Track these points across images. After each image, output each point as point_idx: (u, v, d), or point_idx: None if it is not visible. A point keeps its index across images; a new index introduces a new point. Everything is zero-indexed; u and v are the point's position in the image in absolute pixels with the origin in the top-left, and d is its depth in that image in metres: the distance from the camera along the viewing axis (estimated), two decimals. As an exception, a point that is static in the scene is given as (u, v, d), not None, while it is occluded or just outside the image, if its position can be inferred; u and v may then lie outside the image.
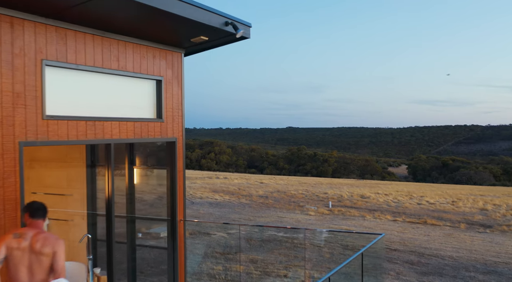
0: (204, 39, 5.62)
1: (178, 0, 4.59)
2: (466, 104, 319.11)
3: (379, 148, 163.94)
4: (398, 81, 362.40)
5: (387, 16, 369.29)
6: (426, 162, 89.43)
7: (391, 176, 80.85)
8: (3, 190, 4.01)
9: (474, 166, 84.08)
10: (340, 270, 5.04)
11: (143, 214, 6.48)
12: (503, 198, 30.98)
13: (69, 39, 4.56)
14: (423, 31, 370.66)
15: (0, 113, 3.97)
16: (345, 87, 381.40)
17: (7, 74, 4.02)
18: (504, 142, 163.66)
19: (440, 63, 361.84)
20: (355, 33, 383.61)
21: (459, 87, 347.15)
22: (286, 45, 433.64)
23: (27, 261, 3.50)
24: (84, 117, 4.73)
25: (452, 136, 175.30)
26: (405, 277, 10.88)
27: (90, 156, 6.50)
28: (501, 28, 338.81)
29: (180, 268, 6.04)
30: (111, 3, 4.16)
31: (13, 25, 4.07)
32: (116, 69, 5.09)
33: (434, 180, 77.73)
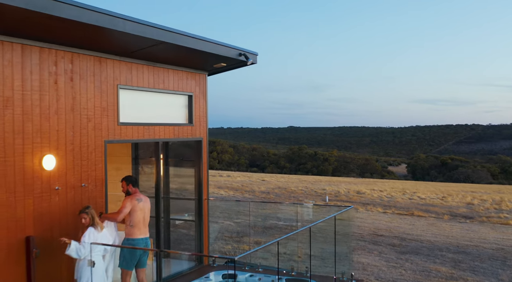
0: (223, 65, 7.70)
1: (206, 41, 6.66)
2: (468, 104, 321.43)
3: (380, 147, 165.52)
4: (400, 80, 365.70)
5: (389, 16, 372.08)
6: (425, 161, 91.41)
7: (391, 175, 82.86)
8: (95, 172, 6.09)
9: (472, 165, 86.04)
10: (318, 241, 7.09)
11: (176, 194, 8.54)
12: (492, 194, 33.02)
13: (133, 69, 6.64)
14: (425, 31, 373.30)
15: (93, 121, 6.06)
16: (346, 86, 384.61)
17: (97, 95, 6.10)
18: (505, 141, 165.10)
19: (442, 63, 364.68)
20: (357, 33, 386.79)
21: (461, 86, 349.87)
22: (288, 45, 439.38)
23: (144, 212, 6.08)
24: (142, 123, 6.82)
25: (453, 136, 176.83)
26: (386, 255, 12.97)
27: (134, 152, 8.58)
28: (503, 27, 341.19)
29: (205, 235, 8.13)
30: (165, 47, 6.23)
31: (100, 62, 6.15)
32: (161, 89, 7.18)
33: (433, 179, 79.73)
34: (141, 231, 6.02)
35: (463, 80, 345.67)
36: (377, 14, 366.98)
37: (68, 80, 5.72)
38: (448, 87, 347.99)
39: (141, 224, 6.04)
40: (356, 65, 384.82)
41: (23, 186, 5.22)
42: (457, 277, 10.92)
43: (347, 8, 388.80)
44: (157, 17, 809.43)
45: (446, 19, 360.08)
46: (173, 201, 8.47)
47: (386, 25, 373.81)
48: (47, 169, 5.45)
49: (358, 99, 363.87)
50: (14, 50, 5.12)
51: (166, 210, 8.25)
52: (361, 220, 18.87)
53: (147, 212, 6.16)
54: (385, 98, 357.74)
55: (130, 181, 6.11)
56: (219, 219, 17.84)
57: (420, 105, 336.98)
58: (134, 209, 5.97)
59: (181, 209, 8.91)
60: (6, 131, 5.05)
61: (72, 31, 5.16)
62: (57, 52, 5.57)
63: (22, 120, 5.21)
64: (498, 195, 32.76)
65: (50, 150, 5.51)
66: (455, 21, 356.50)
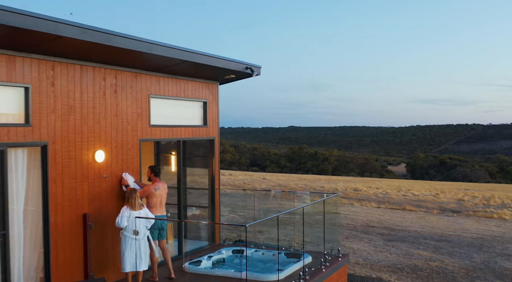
0: (232, 77, 9.30)
1: (218, 58, 8.25)
2: (468, 103, 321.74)
3: (380, 147, 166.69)
4: (401, 80, 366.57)
5: (390, 16, 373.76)
6: (424, 160, 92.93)
7: (390, 174, 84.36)
8: (132, 164, 7.68)
9: (471, 164, 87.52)
10: (312, 227, 8.65)
11: (191, 185, 10.12)
12: (484, 192, 34.57)
13: (161, 82, 8.23)
14: (426, 31, 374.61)
15: (131, 124, 7.65)
16: (347, 86, 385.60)
17: (134, 103, 7.69)
18: (505, 140, 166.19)
19: (443, 63, 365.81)
20: (357, 33, 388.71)
21: (461, 86, 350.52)
22: (288, 45, 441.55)
23: (160, 198, 7.49)
24: (167, 125, 8.41)
25: (453, 135, 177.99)
26: (375, 242, 14.57)
27: (156, 149, 10.18)
28: (504, 27, 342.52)
29: (217, 218, 9.73)
30: (186, 64, 7.82)
31: (136, 77, 7.74)
32: (182, 97, 8.77)
33: (431, 178, 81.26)
34: (158, 210, 7.55)
35: (463, 80, 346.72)
36: (378, 14, 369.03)
37: (113, 92, 7.32)
38: (449, 87, 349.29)
39: (158, 205, 7.54)
40: (356, 65, 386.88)
41: (81, 174, 6.81)
42: (435, 259, 12.52)
43: (347, 8, 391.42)
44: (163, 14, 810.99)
45: (447, 19, 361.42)
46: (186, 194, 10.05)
47: (386, 25, 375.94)
48: (98, 161, 7.05)
49: (358, 99, 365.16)
50: (75, 70, 6.72)
51: (184, 197, 9.84)
52: (355, 214, 20.46)
53: (163, 195, 7.65)
54: (386, 98, 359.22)
55: (153, 170, 7.66)
56: (224, 212, 19.43)
57: (421, 105, 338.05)
58: (151, 195, 7.48)
59: (194, 202, 10.47)
60: (69, 132, 6.64)
61: (118, 54, 6.75)
62: (105, 70, 7.17)
63: (81, 124, 6.80)
64: (490, 192, 34.30)
65: (100, 146, 7.10)
66: (455, 21, 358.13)
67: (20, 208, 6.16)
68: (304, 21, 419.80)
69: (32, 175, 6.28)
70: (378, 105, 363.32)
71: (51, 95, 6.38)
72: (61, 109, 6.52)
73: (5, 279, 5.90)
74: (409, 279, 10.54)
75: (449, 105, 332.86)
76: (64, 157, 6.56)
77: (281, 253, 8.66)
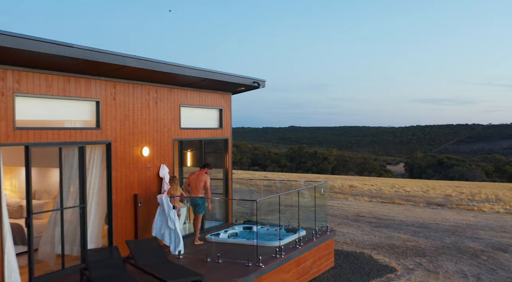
0: (242, 89, 11.74)
1: (231, 75, 10.69)
2: (469, 103, 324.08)
3: (380, 147, 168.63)
4: (401, 80, 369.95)
5: (391, 16, 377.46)
6: (422, 160, 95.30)
7: (388, 173, 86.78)
8: (167, 158, 10.13)
9: (468, 164, 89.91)
10: (306, 211, 11.08)
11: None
12: (473, 189, 36.97)
13: (188, 94, 10.68)
14: (426, 31, 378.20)
15: (167, 127, 10.09)
16: (348, 86, 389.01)
17: (169, 111, 10.14)
18: (505, 140, 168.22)
19: (444, 63, 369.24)
20: (358, 32, 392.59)
21: (462, 86, 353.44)
22: (289, 44, 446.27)
23: (195, 183, 9.93)
24: (193, 128, 10.86)
25: (453, 135, 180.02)
26: (363, 228, 17.00)
27: (180, 146, 12.62)
28: (505, 26, 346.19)
29: (230, 203, 12.18)
30: (208, 81, 10.26)
31: (170, 91, 10.18)
32: (203, 105, 11.22)
33: (429, 177, 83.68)
34: (193, 193, 10.04)
35: (465, 79, 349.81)
36: (378, 14, 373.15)
37: (154, 103, 9.77)
38: (450, 86, 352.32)
39: (193, 189, 10.06)
40: (357, 65, 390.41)
41: (133, 164, 9.25)
42: (411, 240, 14.97)
43: (347, 8, 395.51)
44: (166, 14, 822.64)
45: (448, 19, 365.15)
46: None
47: (387, 25, 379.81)
48: (144, 155, 9.49)
49: (359, 98, 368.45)
50: (129, 87, 9.16)
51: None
52: (348, 206, 22.91)
53: (197, 182, 10.13)
54: (386, 97, 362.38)
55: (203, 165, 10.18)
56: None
57: (421, 104, 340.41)
58: (189, 182, 10.05)
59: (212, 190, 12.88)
60: (125, 133, 9.08)
61: (160, 75, 9.18)
62: (149, 87, 9.61)
63: (133, 127, 9.24)
64: (478, 189, 36.70)
65: (146, 144, 9.55)
66: (456, 21, 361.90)
67: (93, 188, 8.61)
68: (304, 21, 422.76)
69: (100, 164, 8.73)
70: (378, 105, 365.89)
71: (113, 107, 8.82)
72: (120, 116, 8.96)
73: (83, 238, 8.34)
74: (386, 253, 12.98)
75: (450, 105, 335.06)
76: (121, 151, 9.01)
77: (282, 228, 11.10)
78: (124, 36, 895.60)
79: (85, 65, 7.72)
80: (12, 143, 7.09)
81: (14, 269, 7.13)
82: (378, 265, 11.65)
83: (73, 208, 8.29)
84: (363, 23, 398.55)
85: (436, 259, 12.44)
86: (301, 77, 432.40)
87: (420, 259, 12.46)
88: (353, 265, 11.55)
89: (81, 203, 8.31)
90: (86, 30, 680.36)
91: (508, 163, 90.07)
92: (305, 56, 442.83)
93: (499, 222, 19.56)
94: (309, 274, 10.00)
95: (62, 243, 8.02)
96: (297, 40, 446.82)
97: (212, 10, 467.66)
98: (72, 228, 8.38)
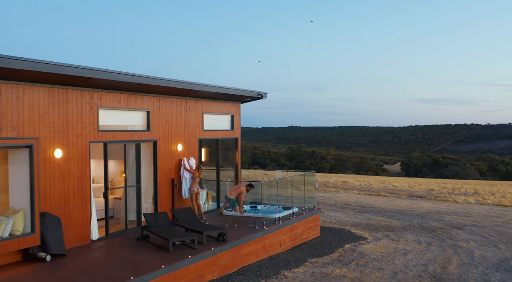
0: (249, 99, 15.41)
1: (241, 90, 14.36)
2: (469, 103, 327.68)
3: (379, 147, 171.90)
4: (401, 80, 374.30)
5: (390, 16, 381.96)
6: (418, 159, 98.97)
7: (385, 172, 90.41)
8: (194, 152, 13.78)
9: (462, 163, 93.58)
10: (298, 196, 14.75)
11: (224, 168, 16.16)
12: (457, 184, 40.62)
13: (209, 104, 14.34)
14: (426, 31, 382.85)
15: (194, 129, 13.75)
16: (347, 86, 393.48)
17: (195, 117, 13.80)
18: (503, 140, 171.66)
19: (444, 63, 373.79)
20: (357, 32, 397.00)
21: (462, 86, 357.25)
22: (288, 44, 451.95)
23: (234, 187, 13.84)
24: (211, 129, 14.53)
25: (452, 135, 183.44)
26: (348, 213, 20.65)
27: (199, 144, 16.26)
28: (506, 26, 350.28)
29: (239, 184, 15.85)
30: (224, 95, 13.92)
31: (196, 102, 13.85)
32: (220, 112, 14.88)
33: (424, 176, 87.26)
34: (230, 193, 13.74)
35: (464, 79, 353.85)
36: (378, 14, 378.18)
37: (185, 111, 13.42)
38: (449, 86, 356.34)
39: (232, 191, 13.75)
40: (357, 65, 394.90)
41: (171, 157, 12.90)
42: (385, 221, 18.62)
43: (347, 8, 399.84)
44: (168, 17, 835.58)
45: (447, 19, 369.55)
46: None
47: (387, 25, 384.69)
48: (179, 150, 13.14)
49: (358, 98, 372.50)
50: (169, 101, 12.81)
51: (218, 176, 15.92)
52: (339, 197, 26.57)
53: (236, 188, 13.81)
54: (386, 98, 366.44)
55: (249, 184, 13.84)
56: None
57: (421, 104, 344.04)
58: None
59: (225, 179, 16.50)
60: (166, 134, 12.72)
61: (190, 92, 12.82)
62: (182, 100, 13.27)
63: (171, 129, 12.89)
64: (462, 185, 40.36)
65: (180, 142, 13.20)
66: (456, 22, 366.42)
67: (145, 173, 12.26)
68: (304, 21, 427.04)
69: (150, 156, 12.38)
70: (378, 105, 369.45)
71: (158, 115, 12.47)
72: (162, 122, 12.61)
73: (138, 207, 11.98)
74: (363, 229, 16.62)
75: (449, 105, 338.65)
76: (163, 147, 12.65)
77: (280, 206, 14.74)
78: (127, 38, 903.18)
79: (141, 86, 11.36)
80: (96, 140, 10.74)
81: (96, 227, 10.77)
82: (354, 236, 15.30)
83: (132, 186, 11.95)
84: (362, 23, 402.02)
85: (401, 233, 16.10)
86: (301, 77, 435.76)
87: (389, 232, 16.12)
88: (334, 236, 15.21)
89: (137, 183, 11.96)
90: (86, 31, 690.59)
91: (502, 162, 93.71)
92: (305, 56, 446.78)
93: (466, 209, 23.22)
94: (300, 238, 13.66)
95: (125, 211, 11.68)
96: (297, 40, 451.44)
97: (212, 11, 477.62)
98: (131, 200, 12.05)
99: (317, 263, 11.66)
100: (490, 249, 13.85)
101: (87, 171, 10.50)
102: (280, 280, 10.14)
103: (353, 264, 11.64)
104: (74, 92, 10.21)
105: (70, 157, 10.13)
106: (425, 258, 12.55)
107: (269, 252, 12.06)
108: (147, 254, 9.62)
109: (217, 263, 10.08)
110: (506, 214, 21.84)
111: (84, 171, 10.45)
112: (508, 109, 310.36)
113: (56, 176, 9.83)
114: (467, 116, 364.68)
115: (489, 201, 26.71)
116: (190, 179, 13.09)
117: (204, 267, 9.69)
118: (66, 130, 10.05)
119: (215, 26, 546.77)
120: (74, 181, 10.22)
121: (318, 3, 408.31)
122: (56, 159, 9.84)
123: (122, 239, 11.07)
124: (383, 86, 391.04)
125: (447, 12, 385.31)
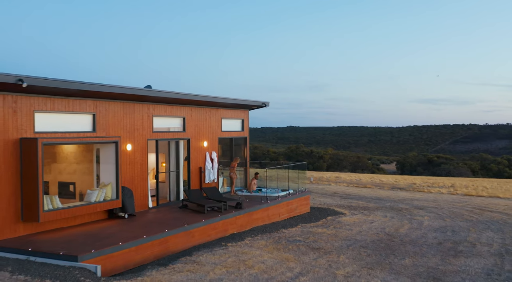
0: (255, 107, 20.51)
1: (250, 100, 19.46)
2: (467, 103, 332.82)
3: (378, 147, 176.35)
4: (400, 80, 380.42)
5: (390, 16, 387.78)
6: (413, 159, 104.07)
7: (381, 171, 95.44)
8: (214, 148, 18.87)
9: (456, 162, 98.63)
10: (292, 183, 19.86)
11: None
12: (438, 180, 45.66)
13: (225, 111, 19.43)
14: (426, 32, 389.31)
15: (215, 130, 18.83)
16: (346, 86, 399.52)
17: (215, 122, 18.89)
18: (501, 140, 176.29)
19: (443, 63, 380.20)
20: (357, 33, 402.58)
21: (461, 86, 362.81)
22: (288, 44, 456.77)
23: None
24: (227, 131, 19.64)
25: (450, 135, 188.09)
26: (335, 198, 25.75)
27: (218, 142, 21.34)
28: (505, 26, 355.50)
29: (247, 177, 20.92)
30: (236, 104, 19.01)
31: (217, 110, 18.94)
32: (233, 117, 19.98)
33: (419, 174, 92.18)
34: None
35: (463, 79, 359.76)
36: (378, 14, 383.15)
37: (209, 117, 18.50)
38: (448, 87, 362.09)
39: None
40: (356, 65, 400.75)
41: (199, 151, 17.98)
42: (364, 204, 23.72)
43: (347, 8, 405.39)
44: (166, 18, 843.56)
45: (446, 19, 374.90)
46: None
47: (386, 26, 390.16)
48: (204, 146, 18.22)
49: (357, 99, 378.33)
50: (198, 109, 17.89)
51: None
52: (329, 188, 31.64)
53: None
54: (385, 98, 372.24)
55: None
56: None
57: (420, 105, 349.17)
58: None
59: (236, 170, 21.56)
60: (196, 133, 17.79)
61: (213, 103, 17.88)
62: (206, 109, 18.35)
63: (199, 130, 17.97)
64: (443, 181, 45.41)
65: (205, 140, 18.28)
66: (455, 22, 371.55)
67: (181, 162, 17.34)
68: (304, 21, 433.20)
69: (185, 150, 17.45)
70: (376, 105, 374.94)
71: (191, 120, 17.53)
72: (193, 125, 17.67)
73: (177, 186, 17.05)
74: (344, 209, 21.69)
75: (448, 105, 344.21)
76: (194, 144, 17.71)
77: (279, 189, 19.80)
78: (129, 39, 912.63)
79: (180, 100, 16.41)
80: (151, 138, 15.79)
81: (150, 199, 15.82)
82: (336, 212, 20.38)
83: (173, 171, 17.01)
84: (362, 24, 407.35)
85: (374, 211, 21.17)
86: (301, 78, 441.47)
87: (363, 211, 21.20)
88: (321, 212, 20.28)
89: (177, 169, 17.03)
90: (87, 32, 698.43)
91: (494, 161, 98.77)
92: (305, 57, 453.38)
93: (436, 198, 28.29)
94: (294, 212, 18.74)
95: (169, 189, 16.76)
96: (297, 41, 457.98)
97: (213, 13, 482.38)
98: (173, 182, 17.10)
99: (306, 226, 16.72)
100: (437, 221, 18.91)
101: (145, 160, 15.54)
102: (280, 233, 15.20)
103: (331, 227, 16.70)
104: (138, 105, 15.26)
105: (135, 150, 15.18)
106: (385, 225, 17.62)
107: (272, 219, 17.14)
108: (190, 215, 14.68)
109: (236, 222, 15.13)
110: (467, 201, 26.90)
111: (144, 160, 15.49)
112: (507, 109, 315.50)
113: (127, 162, 14.88)
114: (465, 116, 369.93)
115: (459, 191, 31.79)
116: (211, 169, 18.13)
117: (228, 224, 14.74)
118: (133, 131, 15.09)
119: (215, 26, 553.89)
120: (137, 167, 15.26)
121: (318, 4, 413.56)
122: (128, 151, 14.89)
123: (168, 208, 16.13)
124: (383, 87, 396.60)
125: (448, 13, 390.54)
